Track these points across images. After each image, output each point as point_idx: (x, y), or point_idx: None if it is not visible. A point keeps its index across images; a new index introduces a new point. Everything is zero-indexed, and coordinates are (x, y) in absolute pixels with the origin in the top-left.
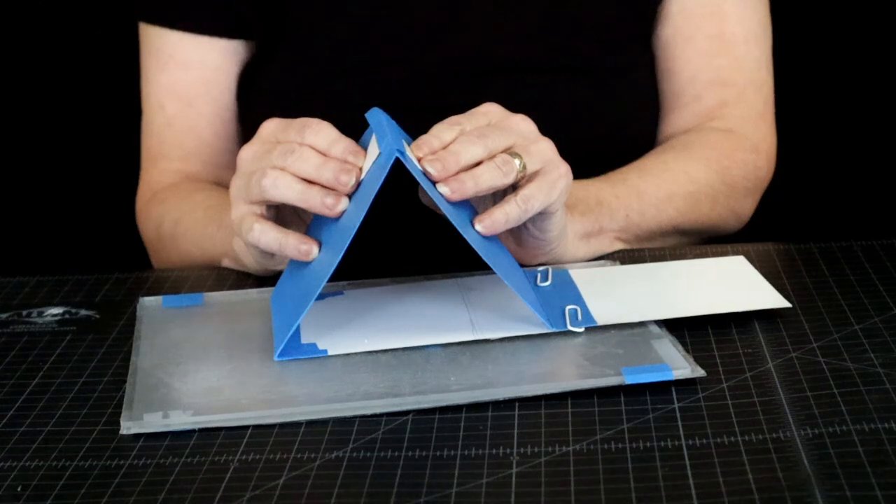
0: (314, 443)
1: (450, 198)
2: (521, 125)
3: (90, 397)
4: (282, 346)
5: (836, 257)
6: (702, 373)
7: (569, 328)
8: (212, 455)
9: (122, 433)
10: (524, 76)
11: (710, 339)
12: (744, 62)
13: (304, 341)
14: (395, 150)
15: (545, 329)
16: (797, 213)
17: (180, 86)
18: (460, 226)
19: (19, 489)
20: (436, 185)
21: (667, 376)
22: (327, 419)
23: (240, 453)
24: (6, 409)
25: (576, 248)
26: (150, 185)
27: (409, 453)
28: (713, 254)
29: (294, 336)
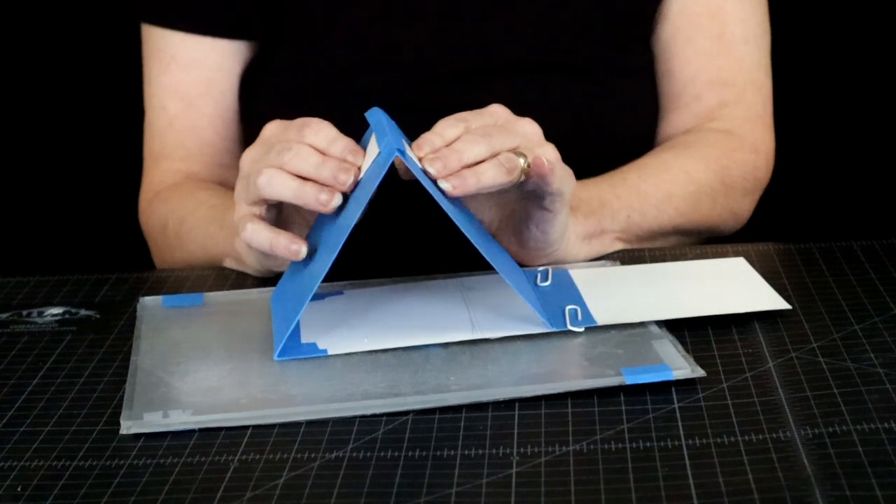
0: (314, 443)
1: (451, 193)
2: (526, 128)
3: (90, 397)
4: (281, 345)
5: (836, 257)
6: (702, 373)
7: (569, 328)
8: (212, 455)
9: (122, 433)
10: (524, 76)
11: (710, 340)
12: (743, 63)
13: (304, 341)
14: (395, 149)
15: (545, 328)
16: (797, 213)
17: (182, 86)
18: (462, 225)
19: (19, 489)
20: (436, 182)
21: (667, 376)
22: (327, 419)
23: (240, 453)
24: (6, 409)
25: (577, 249)
26: (152, 185)
27: (409, 453)
28: (713, 254)
29: (294, 336)
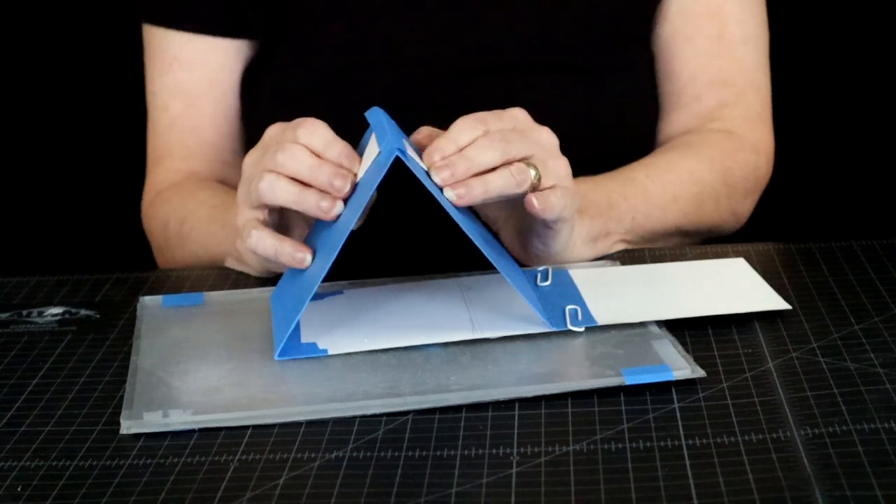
0: (314, 443)
1: (455, 202)
2: (544, 136)
3: (90, 397)
4: (281, 345)
5: (836, 257)
6: (702, 373)
7: (569, 328)
8: (212, 455)
9: (122, 433)
10: (524, 75)
11: (710, 340)
12: (743, 63)
13: (304, 341)
14: (396, 149)
15: (545, 328)
16: (797, 213)
17: (184, 86)
18: (463, 224)
19: (19, 489)
20: (442, 188)
21: (667, 377)
22: (327, 419)
23: (240, 453)
24: (6, 409)
25: (582, 250)
26: (154, 185)
27: (409, 453)
28: (713, 254)
29: (294, 335)
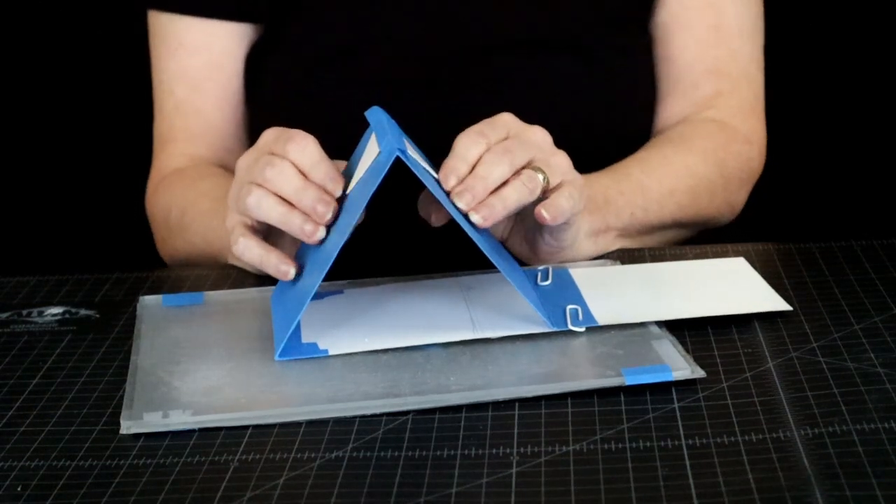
0: (314, 443)
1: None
2: (538, 136)
3: (90, 397)
4: (282, 345)
5: (836, 257)
6: (702, 373)
7: (570, 328)
8: (212, 455)
9: (122, 433)
10: (524, 55)
11: (710, 340)
12: (738, 55)
13: (305, 341)
14: (396, 149)
15: (546, 328)
16: (797, 213)
17: (189, 71)
18: (464, 223)
19: (19, 489)
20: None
21: (667, 377)
22: (327, 419)
23: (240, 453)
24: (6, 409)
25: (584, 246)
26: (159, 171)
27: (409, 453)
28: (713, 254)
29: (294, 335)
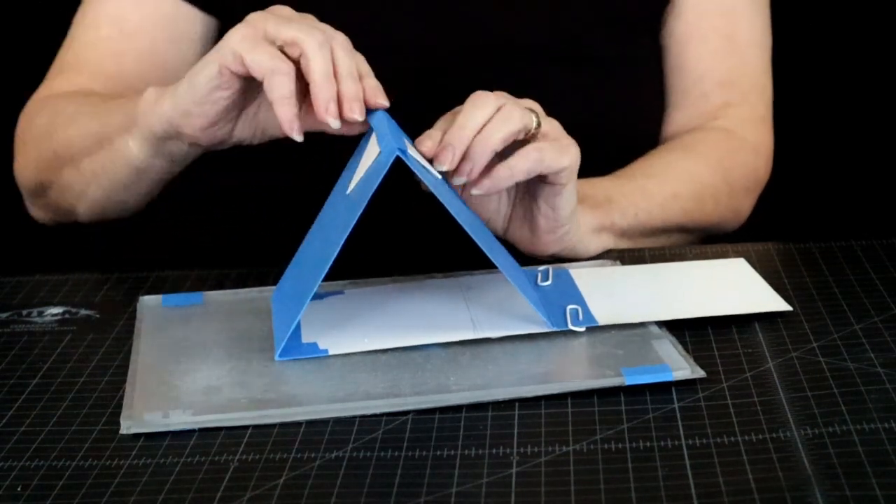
0: (314, 443)
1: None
2: (528, 102)
3: (90, 397)
4: (282, 345)
5: (836, 257)
6: (702, 373)
7: (570, 327)
8: (212, 455)
9: (122, 433)
10: (532, 62)
11: (710, 340)
12: (750, 65)
13: (305, 341)
14: (396, 149)
15: (546, 328)
16: (797, 213)
17: (126, 16)
18: (464, 223)
19: (19, 489)
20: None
21: (666, 377)
22: (327, 419)
23: (240, 453)
24: (6, 409)
25: (589, 241)
26: (50, 90)
27: (409, 453)
28: (713, 254)
29: (295, 335)
